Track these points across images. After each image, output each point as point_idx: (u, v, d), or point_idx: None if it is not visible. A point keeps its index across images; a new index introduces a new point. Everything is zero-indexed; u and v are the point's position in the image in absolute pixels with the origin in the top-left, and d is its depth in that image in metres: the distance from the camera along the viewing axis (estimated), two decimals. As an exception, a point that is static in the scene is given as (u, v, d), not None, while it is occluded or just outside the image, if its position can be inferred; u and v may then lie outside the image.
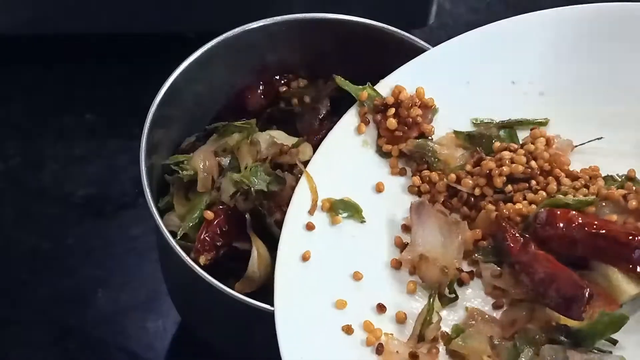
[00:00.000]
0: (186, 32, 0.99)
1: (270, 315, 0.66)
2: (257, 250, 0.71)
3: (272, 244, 0.71)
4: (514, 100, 0.74)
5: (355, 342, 0.64)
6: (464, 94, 0.74)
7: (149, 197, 0.70)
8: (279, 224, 0.70)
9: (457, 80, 0.75)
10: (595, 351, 0.62)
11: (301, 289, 0.65)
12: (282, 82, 0.83)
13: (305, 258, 0.67)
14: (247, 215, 0.72)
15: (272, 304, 0.66)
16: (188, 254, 0.70)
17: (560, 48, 0.75)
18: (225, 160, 0.76)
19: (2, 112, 1.01)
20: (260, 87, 0.82)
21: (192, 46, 0.77)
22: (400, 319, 0.66)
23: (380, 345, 0.64)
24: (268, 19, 0.79)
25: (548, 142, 0.72)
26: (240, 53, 0.80)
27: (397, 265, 0.68)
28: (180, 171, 0.76)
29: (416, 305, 0.67)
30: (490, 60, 0.75)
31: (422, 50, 0.77)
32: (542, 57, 0.75)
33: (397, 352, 0.63)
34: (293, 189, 0.71)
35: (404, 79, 0.74)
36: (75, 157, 0.98)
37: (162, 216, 0.70)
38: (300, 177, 0.72)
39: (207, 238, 0.72)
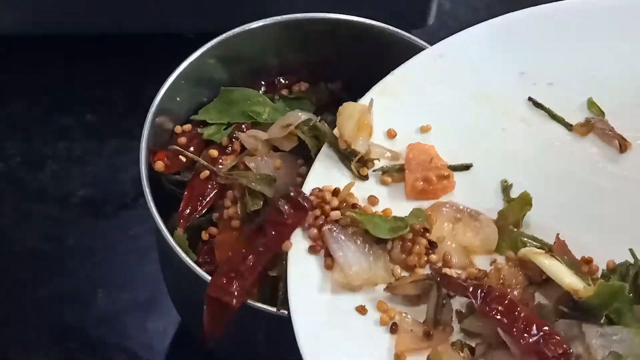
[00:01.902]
0: (186, 32, 0.99)
1: (270, 315, 0.66)
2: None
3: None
4: (523, 91, 0.74)
5: (369, 322, 0.64)
6: (472, 86, 0.74)
7: (149, 197, 0.70)
8: None
9: (466, 72, 0.75)
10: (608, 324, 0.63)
11: (312, 278, 0.65)
12: (284, 83, 0.83)
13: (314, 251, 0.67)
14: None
15: (270, 305, 0.67)
16: (188, 255, 0.70)
17: (570, 38, 0.75)
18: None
19: (2, 112, 1.01)
20: (262, 89, 0.82)
21: (192, 46, 0.77)
22: (413, 299, 0.66)
23: (394, 324, 0.64)
24: (268, 19, 0.79)
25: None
26: (240, 53, 0.80)
27: None
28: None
29: None
30: (498, 51, 0.75)
31: (422, 51, 0.77)
32: (551, 47, 0.75)
33: (411, 330, 0.64)
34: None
35: (412, 71, 0.74)
36: (75, 157, 0.98)
37: (161, 216, 0.70)
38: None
39: (207, 251, 0.73)
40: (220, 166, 0.74)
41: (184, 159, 0.75)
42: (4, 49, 1.00)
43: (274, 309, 0.66)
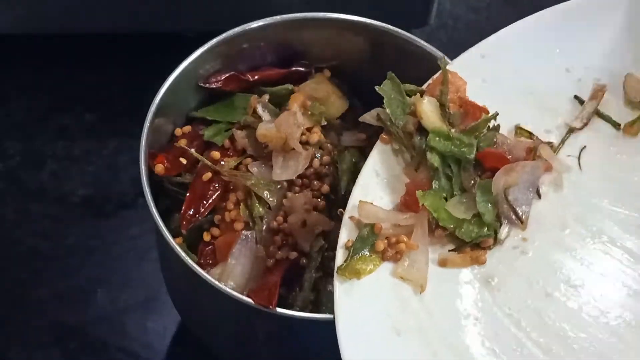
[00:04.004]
0: (186, 32, 0.99)
1: (270, 315, 0.66)
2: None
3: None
4: (569, 86, 0.74)
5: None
6: (517, 85, 0.74)
7: (149, 197, 0.70)
8: None
9: (510, 72, 0.74)
10: None
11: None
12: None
13: None
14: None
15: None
16: (188, 254, 0.70)
17: (615, 32, 0.74)
18: None
19: (2, 112, 1.01)
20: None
21: (192, 46, 0.77)
22: None
23: None
24: (268, 19, 0.79)
25: None
26: (240, 53, 0.80)
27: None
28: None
29: None
30: (542, 48, 0.75)
31: (422, 50, 0.77)
32: (597, 42, 0.74)
33: None
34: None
35: (458, 69, 0.74)
36: (75, 157, 0.98)
37: (161, 216, 0.70)
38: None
39: (209, 252, 0.73)
40: (222, 162, 0.74)
41: (184, 161, 0.75)
42: (4, 48, 1.00)
43: (274, 310, 0.66)
